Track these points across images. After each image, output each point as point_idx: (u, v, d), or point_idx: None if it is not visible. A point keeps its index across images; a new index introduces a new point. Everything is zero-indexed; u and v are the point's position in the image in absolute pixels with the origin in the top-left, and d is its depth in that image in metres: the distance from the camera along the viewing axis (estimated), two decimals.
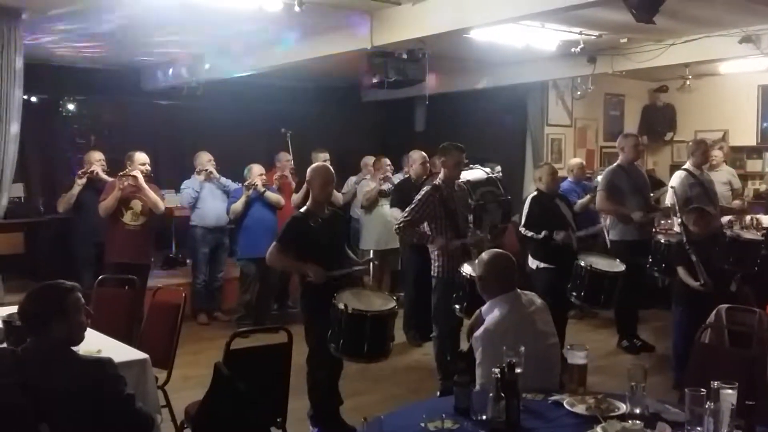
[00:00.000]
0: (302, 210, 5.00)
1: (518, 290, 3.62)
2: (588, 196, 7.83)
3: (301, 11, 5.54)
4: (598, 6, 5.74)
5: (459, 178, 5.86)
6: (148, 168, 7.05)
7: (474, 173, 7.15)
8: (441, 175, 5.76)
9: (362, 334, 4.47)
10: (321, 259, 4.75)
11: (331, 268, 4.79)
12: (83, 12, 6.20)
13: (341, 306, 4.43)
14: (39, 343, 2.86)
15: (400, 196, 7.03)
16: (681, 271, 5.81)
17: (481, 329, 3.41)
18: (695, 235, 5.84)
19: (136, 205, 6.89)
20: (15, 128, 5.96)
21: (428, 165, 7.16)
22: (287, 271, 7.21)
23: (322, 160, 7.49)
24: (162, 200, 7.09)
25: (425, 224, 5.64)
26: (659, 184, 8.42)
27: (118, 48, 7.95)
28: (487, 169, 7.56)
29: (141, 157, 7.03)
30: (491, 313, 3.49)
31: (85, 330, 3.00)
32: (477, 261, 3.77)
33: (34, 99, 8.90)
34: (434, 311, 5.77)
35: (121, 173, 6.88)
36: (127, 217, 6.89)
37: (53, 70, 8.68)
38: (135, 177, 6.82)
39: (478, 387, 3.05)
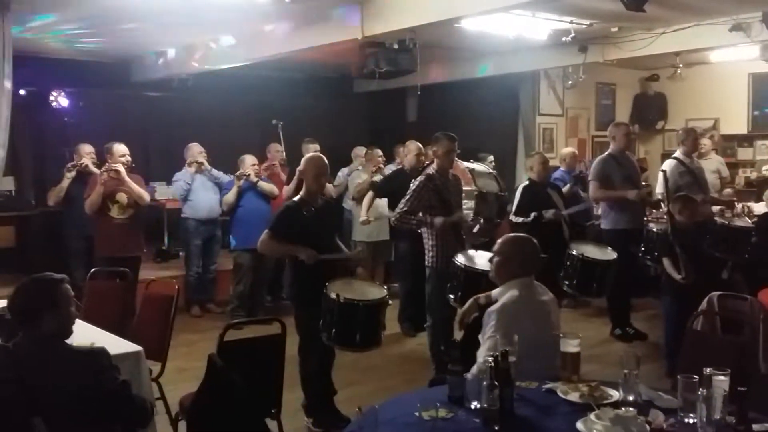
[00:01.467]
0: (295, 199, 4.99)
1: (534, 279, 3.64)
2: (568, 185, 7.84)
3: (292, 1, 5.52)
4: None
5: (451, 167, 5.86)
6: (129, 159, 6.94)
7: (478, 165, 7.21)
8: (434, 165, 5.77)
9: (355, 323, 4.47)
10: (312, 248, 4.75)
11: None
12: (71, 3, 6.16)
13: (333, 295, 4.43)
14: (31, 337, 2.84)
15: (389, 187, 7.01)
16: (666, 262, 5.78)
17: (498, 304, 3.45)
18: (681, 223, 5.80)
19: (122, 198, 6.84)
20: (5, 121, 5.92)
21: (423, 157, 7.15)
22: (281, 262, 7.20)
23: (312, 151, 7.47)
24: (146, 191, 7.04)
25: (420, 214, 5.64)
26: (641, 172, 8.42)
27: (107, 39, 7.91)
28: (490, 167, 7.66)
29: (120, 148, 6.91)
30: (507, 293, 3.51)
31: (74, 321, 2.99)
32: (500, 241, 3.75)
33: (23, 92, 8.84)
34: (428, 301, 5.78)
35: (103, 168, 6.80)
36: (114, 211, 6.83)
37: (42, 63, 8.61)
38: (117, 171, 6.73)
39: (480, 361, 3.06)
